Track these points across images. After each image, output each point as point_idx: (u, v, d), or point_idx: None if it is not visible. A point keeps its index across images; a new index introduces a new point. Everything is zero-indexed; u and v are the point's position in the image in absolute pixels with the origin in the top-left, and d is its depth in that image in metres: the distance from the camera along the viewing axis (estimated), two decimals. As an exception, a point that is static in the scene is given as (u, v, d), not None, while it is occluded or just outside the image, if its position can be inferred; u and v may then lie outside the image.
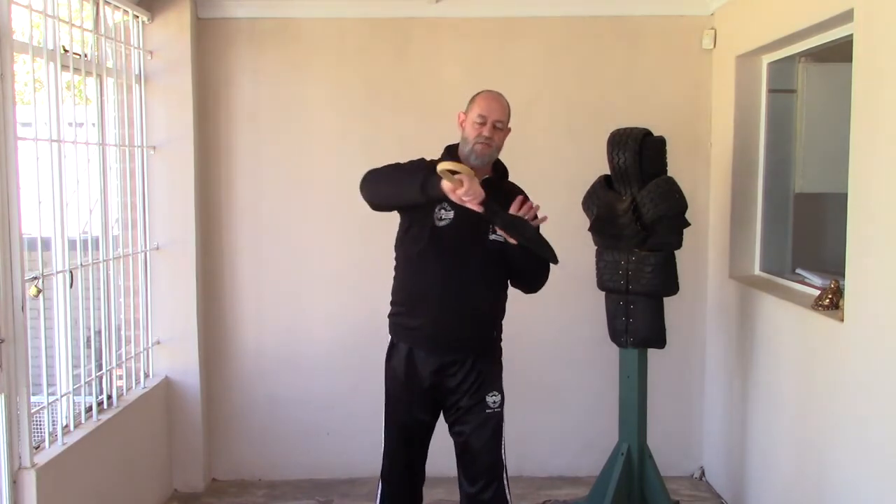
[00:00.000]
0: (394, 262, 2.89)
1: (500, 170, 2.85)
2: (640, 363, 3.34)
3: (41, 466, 2.74)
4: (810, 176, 3.70)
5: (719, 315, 3.95)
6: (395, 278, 2.87)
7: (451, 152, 2.79)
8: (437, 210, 2.69)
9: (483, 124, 2.70)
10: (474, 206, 2.47)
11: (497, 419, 2.82)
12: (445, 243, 2.71)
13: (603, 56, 4.02)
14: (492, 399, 2.81)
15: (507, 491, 2.85)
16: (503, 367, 2.94)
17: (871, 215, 2.55)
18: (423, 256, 2.75)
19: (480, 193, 2.47)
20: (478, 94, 2.79)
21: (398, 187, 2.70)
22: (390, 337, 2.88)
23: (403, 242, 2.82)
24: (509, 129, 2.81)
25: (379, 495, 2.94)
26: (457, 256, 2.71)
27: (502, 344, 2.96)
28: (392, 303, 2.87)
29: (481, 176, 2.68)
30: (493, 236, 2.69)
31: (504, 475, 2.85)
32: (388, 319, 2.89)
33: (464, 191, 2.44)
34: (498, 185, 2.79)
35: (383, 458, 2.92)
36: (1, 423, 2.59)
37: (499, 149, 2.77)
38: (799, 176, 3.72)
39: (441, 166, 2.48)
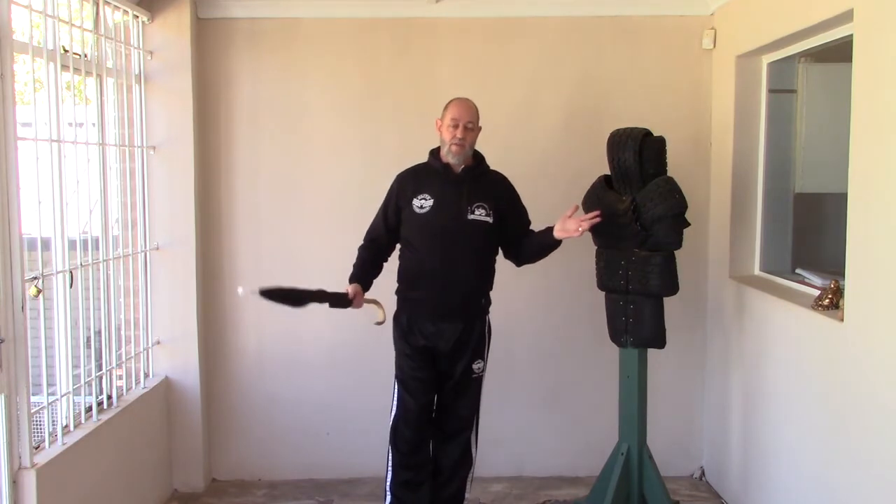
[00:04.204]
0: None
1: (478, 157, 3.32)
2: (640, 363, 3.34)
3: (41, 466, 2.74)
4: (810, 176, 3.70)
5: (719, 315, 3.95)
6: (399, 261, 3.33)
7: (434, 154, 3.30)
8: (414, 201, 3.22)
9: (456, 127, 3.19)
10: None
11: (479, 381, 3.32)
12: (430, 226, 3.20)
13: (603, 56, 4.02)
14: (477, 366, 3.30)
15: (474, 436, 3.35)
16: (493, 334, 3.37)
17: (871, 215, 2.55)
18: (414, 239, 3.25)
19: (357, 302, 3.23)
20: (450, 101, 3.26)
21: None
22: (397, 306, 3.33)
23: (401, 232, 3.30)
24: (480, 128, 3.27)
25: (389, 459, 3.29)
26: (443, 236, 3.19)
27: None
28: (398, 280, 3.32)
29: (464, 165, 3.24)
30: (471, 216, 3.18)
31: (475, 424, 3.35)
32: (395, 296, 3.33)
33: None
34: (478, 171, 3.27)
35: (391, 420, 3.28)
36: (1, 423, 2.59)
37: (472, 146, 3.25)
38: (799, 176, 3.72)
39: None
